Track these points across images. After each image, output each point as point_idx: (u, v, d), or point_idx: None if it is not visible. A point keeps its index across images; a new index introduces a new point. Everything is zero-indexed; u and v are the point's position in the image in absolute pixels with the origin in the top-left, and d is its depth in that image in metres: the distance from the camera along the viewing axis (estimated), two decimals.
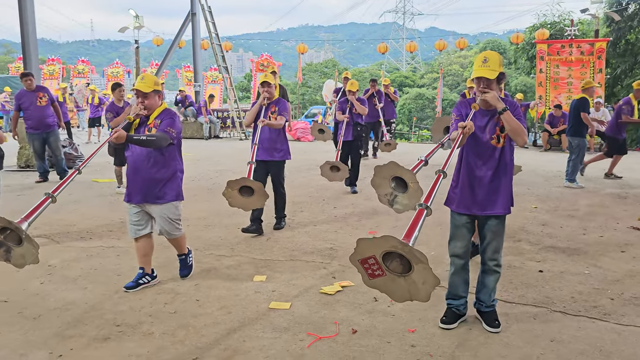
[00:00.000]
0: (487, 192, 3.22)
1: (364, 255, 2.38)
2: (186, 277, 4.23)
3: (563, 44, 15.14)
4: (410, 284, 2.37)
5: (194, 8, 18.62)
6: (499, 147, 3.20)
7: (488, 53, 3.18)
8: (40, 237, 5.47)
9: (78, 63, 28.09)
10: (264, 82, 5.53)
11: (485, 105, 3.17)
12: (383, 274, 2.39)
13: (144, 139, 3.70)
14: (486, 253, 3.35)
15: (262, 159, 5.50)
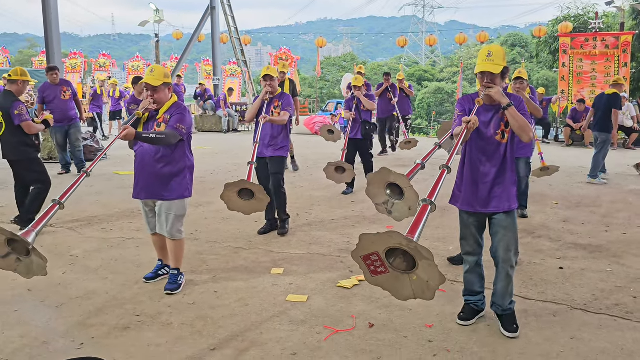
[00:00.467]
0: (492, 189, 3.15)
1: (367, 252, 2.32)
2: (171, 292, 3.81)
3: (587, 37, 14.85)
4: (414, 282, 2.32)
5: (214, 2, 18.68)
6: (503, 142, 3.13)
7: (492, 47, 3.14)
8: (62, 228, 5.57)
9: (99, 57, 28.43)
10: (266, 75, 5.21)
11: (489, 100, 3.12)
12: (386, 271, 2.33)
13: (153, 137, 3.61)
14: (498, 253, 3.22)
15: (264, 156, 5.28)
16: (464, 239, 3.34)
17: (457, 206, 3.30)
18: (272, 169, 5.33)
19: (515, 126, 3.04)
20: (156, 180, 3.78)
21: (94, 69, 27.80)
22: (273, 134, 5.26)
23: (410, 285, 2.34)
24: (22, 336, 3.17)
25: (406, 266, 2.32)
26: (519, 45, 41.30)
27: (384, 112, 11.21)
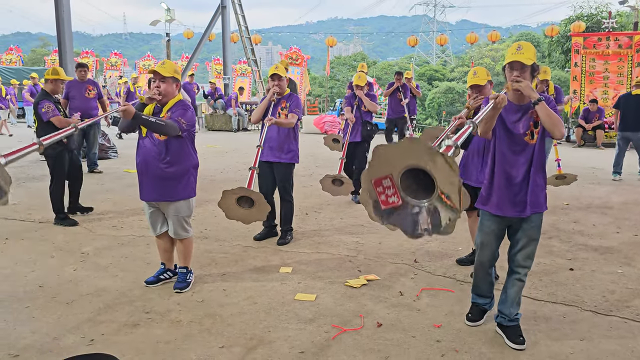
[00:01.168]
0: (521, 192, 3.02)
1: (381, 174, 2.01)
2: (180, 291, 3.84)
3: (600, 37, 14.71)
4: (428, 212, 2.00)
5: (224, 1, 18.74)
6: (532, 143, 3.00)
7: (523, 42, 3.03)
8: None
9: (111, 56, 28.66)
10: (274, 74, 4.91)
11: (517, 98, 2.99)
12: (398, 201, 2.05)
13: (153, 120, 3.51)
14: (517, 260, 3.12)
15: (268, 160, 4.98)
16: (483, 248, 3.21)
17: (486, 209, 3.14)
18: (279, 177, 5.05)
19: (547, 122, 2.86)
20: (161, 182, 3.71)
21: (105, 68, 28.02)
22: (280, 137, 4.94)
23: (425, 217, 2.02)
24: (33, 332, 3.21)
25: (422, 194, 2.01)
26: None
27: (394, 112, 10.86)
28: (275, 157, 4.96)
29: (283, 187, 5.10)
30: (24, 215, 6.01)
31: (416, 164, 1.94)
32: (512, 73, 2.94)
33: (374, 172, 2.04)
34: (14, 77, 22.25)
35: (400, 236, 5.53)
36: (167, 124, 3.54)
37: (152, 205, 3.88)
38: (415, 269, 4.36)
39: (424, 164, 1.91)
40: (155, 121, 3.52)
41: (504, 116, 3.00)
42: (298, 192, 7.39)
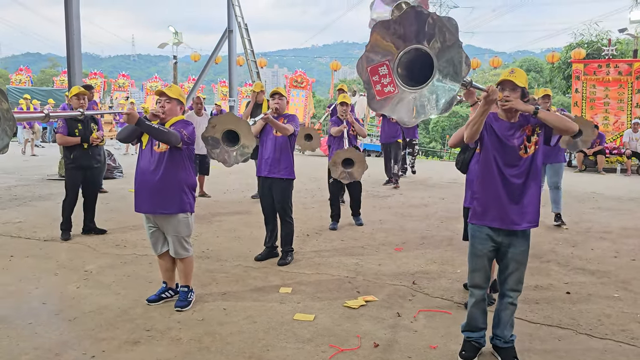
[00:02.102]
0: (515, 205, 3.07)
1: (376, 60, 1.98)
2: (180, 309, 3.88)
3: (600, 64, 14.90)
4: (425, 96, 1.96)
5: (231, 25, 19.07)
6: (526, 157, 3.06)
7: (516, 68, 3.16)
8: (78, 244, 5.71)
9: (119, 77, 29.07)
10: (276, 93, 5.16)
11: (508, 116, 3.08)
12: (395, 90, 2.04)
13: (155, 127, 3.66)
14: (507, 284, 3.16)
15: (266, 175, 5.11)
16: (475, 271, 3.22)
17: (480, 223, 3.17)
18: (277, 197, 5.12)
19: (554, 122, 2.91)
20: (156, 194, 3.81)
21: (112, 89, 28.40)
22: (275, 153, 5.05)
23: (426, 101, 1.98)
24: (35, 348, 3.27)
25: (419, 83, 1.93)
26: (534, 70, 41.40)
27: (386, 135, 10.21)
28: (272, 172, 5.06)
29: (282, 209, 5.17)
30: (29, 233, 6.10)
31: (415, 44, 1.93)
32: (503, 91, 3.01)
33: (371, 56, 2.01)
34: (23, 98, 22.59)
35: (400, 258, 5.59)
36: (169, 132, 3.70)
37: (153, 225, 3.97)
38: (414, 291, 4.41)
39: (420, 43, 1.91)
40: (157, 127, 3.67)
41: (497, 131, 3.06)
42: (300, 214, 7.47)
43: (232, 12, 18.11)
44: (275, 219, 5.29)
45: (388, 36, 2.02)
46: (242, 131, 4.16)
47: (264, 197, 5.22)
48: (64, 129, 5.84)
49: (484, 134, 3.07)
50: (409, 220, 7.30)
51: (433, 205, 8.41)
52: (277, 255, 5.30)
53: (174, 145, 3.80)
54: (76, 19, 11.19)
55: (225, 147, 4.16)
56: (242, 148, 4.19)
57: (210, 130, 4.19)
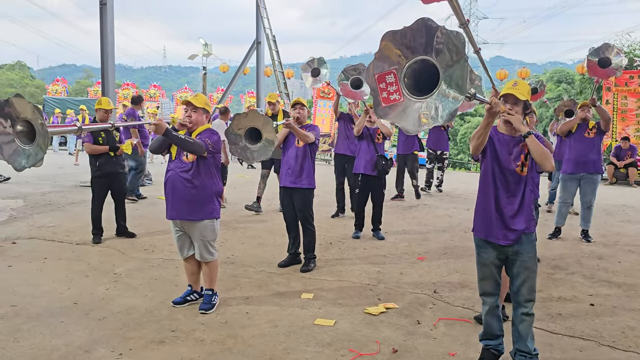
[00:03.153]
0: (512, 221, 3.11)
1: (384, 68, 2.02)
2: (205, 312, 4.01)
3: (632, 75, 14.62)
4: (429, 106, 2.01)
5: (259, 37, 19.40)
6: (523, 175, 3.12)
7: (519, 80, 3.21)
8: (108, 248, 5.90)
9: (150, 88, 29.77)
10: (297, 103, 5.35)
11: (509, 130, 3.13)
12: (400, 99, 2.08)
13: (182, 137, 3.82)
14: (521, 294, 3.13)
15: (286, 186, 5.23)
16: (484, 279, 3.26)
17: (479, 236, 3.25)
18: (298, 205, 5.23)
19: (536, 154, 3.01)
20: (186, 204, 3.97)
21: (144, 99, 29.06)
22: (297, 163, 5.16)
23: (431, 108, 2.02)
24: (66, 344, 3.41)
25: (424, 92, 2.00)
26: (565, 81, 40.66)
27: (403, 146, 9.83)
28: (293, 182, 5.18)
29: (303, 217, 5.27)
30: (62, 237, 6.33)
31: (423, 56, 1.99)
32: (506, 104, 3.07)
33: (380, 64, 2.06)
34: (58, 107, 23.37)
35: (422, 267, 5.62)
36: (194, 142, 3.86)
37: (179, 230, 4.10)
38: (435, 299, 4.43)
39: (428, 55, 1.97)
40: (184, 138, 3.83)
41: (497, 148, 3.12)
42: (323, 222, 7.56)
43: (261, 24, 18.44)
44: (296, 227, 5.39)
45: (397, 45, 2.10)
46: (265, 129, 4.25)
47: (285, 206, 5.34)
48: (89, 138, 6.11)
49: (487, 147, 3.12)
50: (432, 230, 7.30)
51: (457, 216, 8.38)
52: (300, 262, 5.38)
53: (200, 155, 3.94)
54: (110, 32, 11.58)
55: (247, 144, 4.26)
56: (264, 146, 4.28)
57: (234, 127, 4.33)
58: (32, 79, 62.41)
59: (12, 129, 3.17)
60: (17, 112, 3.12)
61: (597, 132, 6.55)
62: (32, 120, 3.09)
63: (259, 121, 4.32)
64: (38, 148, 3.10)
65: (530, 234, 3.15)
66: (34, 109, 3.09)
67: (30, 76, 65.06)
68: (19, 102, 3.12)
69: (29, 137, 3.16)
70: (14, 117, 3.14)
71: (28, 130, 3.16)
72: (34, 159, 3.11)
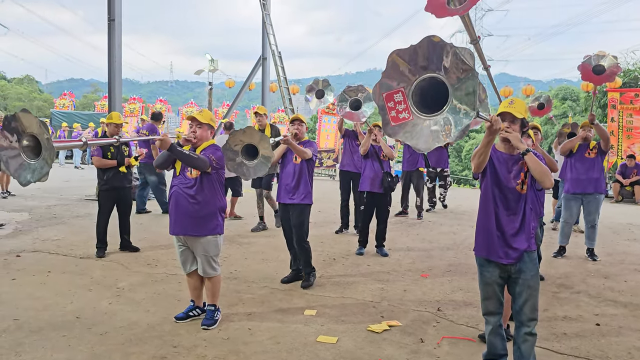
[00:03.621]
0: (513, 239, 3.11)
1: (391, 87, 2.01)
2: (207, 327, 3.99)
3: (637, 93, 14.63)
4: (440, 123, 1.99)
5: (265, 53, 19.55)
6: (523, 193, 3.13)
7: (515, 98, 3.22)
8: (111, 262, 5.90)
9: (156, 102, 29.96)
10: (296, 119, 5.36)
11: (507, 148, 3.14)
12: (409, 117, 2.07)
13: (186, 153, 3.85)
14: (524, 314, 3.11)
15: (284, 202, 5.23)
16: (487, 299, 3.24)
17: (481, 255, 3.24)
18: (293, 220, 5.19)
19: (535, 171, 3.01)
20: (189, 219, 3.98)
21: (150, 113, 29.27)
22: (294, 179, 5.15)
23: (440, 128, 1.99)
24: (68, 359, 3.40)
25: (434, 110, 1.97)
26: (570, 99, 40.72)
27: (407, 163, 9.77)
28: (290, 198, 5.17)
29: (297, 234, 5.19)
30: (66, 251, 6.34)
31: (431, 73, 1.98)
32: (504, 124, 3.06)
33: (387, 82, 2.05)
34: (65, 121, 23.56)
35: (426, 285, 5.60)
36: (198, 158, 3.88)
37: (183, 244, 4.11)
38: (438, 317, 4.40)
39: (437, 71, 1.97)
40: (188, 154, 3.86)
41: (496, 166, 3.12)
42: (327, 238, 7.55)
43: (267, 40, 18.58)
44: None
45: (404, 64, 2.11)
46: (262, 145, 4.22)
47: (284, 222, 5.33)
48: (98, 152, 6.18)
49: (486, 167, 3.12)
50: (436, 247, 7.27)
51: (462, 233, 8.35)
52: (302, 277, 5.35)
53: (204, 171, 3.96)
54: (118, 47, 11.71)
55: (244, 160, 4.21)
56: (261, 162, 4.25)
57: (231, 143, 4.29)
58: (40, 92, 62.97)
59: (18, 143, 3.19)
60: (24, 126, 3.15)
61: (598, 152, 6.54)
62: (38, 134, 3.12)
63: (256, 138, 4.30)
64: (44, 162, 3.13)
65: (532, 252, 3.14)
66: (40, 123, 3.12)
67: (39, 90, 65.68)
68: (25, 117, 3.15)
69: (34, 152, 3.19)
70: (20, 132, 3.17)
71: (34, 144, 3.19)
72: (40, 173, 3.13)
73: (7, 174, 3.40)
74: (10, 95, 53.71)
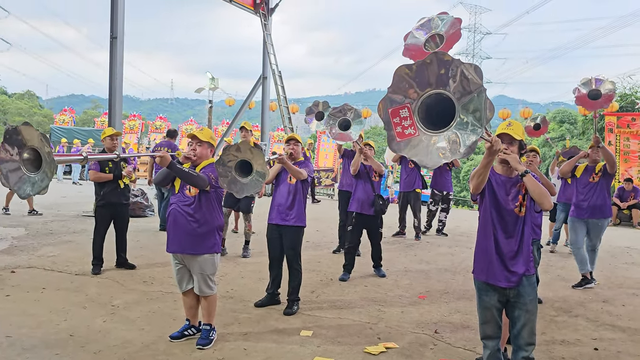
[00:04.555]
0: (511, 262, 3.09)
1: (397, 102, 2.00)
2: (202, 347, 3.94)
3: (634, 117, 14.75)
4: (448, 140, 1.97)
5: (266, 72, 19.71)
6: (521, 215, 3.12)
7: (513, 120, 3.25)
8: (107, 279, 5.86)
9: (156, 119, 30.16)
10: (292, 138, 5.26)
11: (506, 171, 3.15)
12: (415, 133, 2.05)
13: (186, 170, 3.85)
14: (522, 338, 3.08)
15: (276, 223, 5.06)
16: (485, 323, 3.21)
17: (482, 279, 3.21)
18: (287, 243, 5.04)
19: (534, 193, 3.01)
20: (187, 237, 3.96)
21: (150, 131, 29.39)
22: (288, 200, 5.04)
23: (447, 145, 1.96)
24: None
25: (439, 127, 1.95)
26: (567, 121, 40.95)
27: (405, 185, 9.72)
28: (283, 220, 5.02)
29: (291, 256, 5.07)
30: (62, 267, 6.30)
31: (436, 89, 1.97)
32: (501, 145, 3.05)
33: (393, 97, 2.04)
34: (65, 137, 23.62)
35: (423, 307, 5.56)
36: (198, 175, 3.89)
37: (179, 263, 4.09)
38: (436, 340, 4.36)
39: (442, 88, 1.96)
40: (187, 171, 3.86)
41: (495, 189, 3.13)
42: (325, 258, 7.52)
43: (267, 59, 18.75)
44: (280, 265, 5.18)
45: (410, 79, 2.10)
46: (257, 162, 4.00)
47: (272, 243, 5.14)
48: (96, 166, 6.18)
49: (486, 188, 3.12)
50: (434, 268, 7.24)
51: (460, 254, 8.33)
52: (278, 302, 5.18)
53: (202, 189, 3.96)
54: (120, 64, 11.79)
55: (237, 177, 3.98)
56: (255, 179, 3.99)
57: (225, 159, 4.02)
58: (40, 108, 63.22)
59: (18, 156, 3.20)
60: (25, 139, 3.16)
61: (603, 176, 6.34)
62: (39, 148, 3.13)
63: (250, 153, 4.04)
64: (44, 175, 3.13)
65: (530, 276, 3.12)
66: (41, 137, 3.13)
67: (39, 105, 65.94)
68: (26, 130, 3.16)
69: (35, 165, 3.19)
70: (21, 145, 3.18)
71: (34, 158, 3.19)
72: (39, 186, 3.13)
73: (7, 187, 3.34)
74: (10, 110, 53.90)
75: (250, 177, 3.97)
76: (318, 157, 25.65)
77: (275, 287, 5.20)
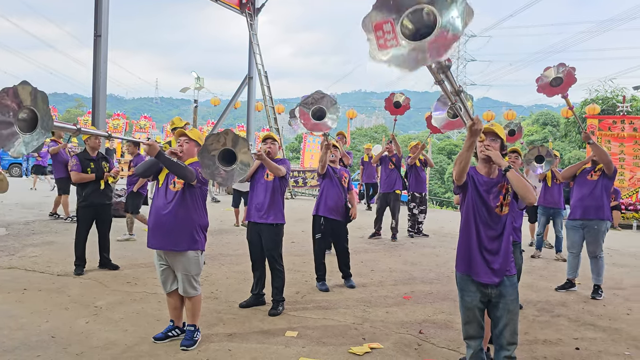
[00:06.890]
0: (493, 261, 3.13)
1: (383, 17, 2.04)
2: (186, 348, 3.91)
3: (615, 120, 15.00)
4: (427, 46, 1.99)
5: (251, 72, 19.68)
6: (502, 215, 3.16)
7: (494, 122, 3.32)
8: (90, 280, 5.80)
9: (141, 119, 29.84)
10: (268, 137, 5.16)
11: (487, 171, 3.19)
12: (397, 44, 2.06)
13: (174, 161, 3.80)
14: (504, 337, 3.10)
15: (255, 221, 4.99)
16: (468, 323, 3.23)
17: (463, 272, 3.24)
18: (266, 244, 4.98)
19: (519, 187, 3.04)
20: (168, 232, 3.90)
21: (134, 130, 29.10)
22: (266, 198, 4.96)
23: (424, 49, 1.98)
24: None
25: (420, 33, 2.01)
26: (550, 124, 41.49)
27: (385, 186, 9.65)
28: (261, 217, 4.94)
29: (271, 255, 5.02)
30: (43, 268, 6.21)
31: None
32: (484, 141, 3.15)
33: (378, 12, 2.07)
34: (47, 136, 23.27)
35: (408, 307, 5.58)
36: (186, 167, 3.85)
37: (164, 263, 4.05)
38: (420, 340, 4.38)
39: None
40: (176, 162, 3.81)
41: (478, 187, 3.17)
42: (310, 258, 7.48)
43: (253, 59, 18.72)
44: (263, 266, 5.14)
45: None
46: (240, 150, 3.83)
47: (252, 243, 5.08)
48: (77, 167, 6.12)
49: (469, 185, 3.16)
50: (419, 269, 7.28)
51: (444, 255, 8.39)
52: (263, 303, 5.17)
53: (189, 182, 3.92)
54: (104, 63, 11.69)
55: (221, 167, 3.81)
56: (239, 168, 3.82)
57: (209, 148, 3.85)
58: None
59: (13, 117, 3.07)
60: (20, 99, 3.04)
61: (601, 175, 5.94)
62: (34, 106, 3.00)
63: (233, 141, 3.86)
64: (40, 134, 3.00)
65: (512, 276, 3.16)
66: (35, 92, 3.00)
67: None
68: (23, 90, 3.04)
69: (29, 126, 3.07)
70: (18, 104, 3.04)
71: (30, 118, 3.07)
72: (32, 146, 3.00)
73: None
74: None
75: (234, 166, 3.81)
76: (303, 157, 25.63)
77: (260, 287, 5.19)
